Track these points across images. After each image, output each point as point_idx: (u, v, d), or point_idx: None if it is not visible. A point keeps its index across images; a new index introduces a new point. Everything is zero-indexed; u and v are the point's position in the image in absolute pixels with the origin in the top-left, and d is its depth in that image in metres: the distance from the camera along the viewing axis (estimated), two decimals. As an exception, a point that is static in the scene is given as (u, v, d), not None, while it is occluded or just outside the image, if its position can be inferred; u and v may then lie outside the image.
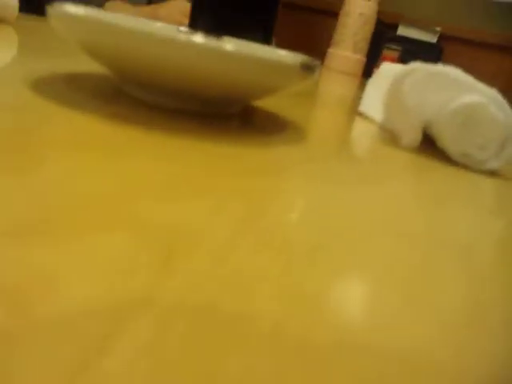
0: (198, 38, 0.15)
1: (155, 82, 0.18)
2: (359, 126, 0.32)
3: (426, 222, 0.15)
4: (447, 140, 0.24)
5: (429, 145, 0.26)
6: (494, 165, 0.24)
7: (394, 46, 1.26)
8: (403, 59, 1.25)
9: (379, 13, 1.35)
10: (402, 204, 0.16)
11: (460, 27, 1.45)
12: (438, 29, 1.41)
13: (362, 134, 0.30)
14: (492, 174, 0.24)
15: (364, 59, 1.33)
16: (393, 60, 1.22)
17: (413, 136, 0.24)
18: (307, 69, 0.17)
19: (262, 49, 0.23)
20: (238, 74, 0.16)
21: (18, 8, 0.44)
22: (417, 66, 0.24)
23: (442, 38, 1.42)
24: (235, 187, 0.14)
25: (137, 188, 0.12)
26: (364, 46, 1.33)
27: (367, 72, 1.30)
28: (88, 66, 0.25)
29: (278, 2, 0.40)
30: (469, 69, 1.12)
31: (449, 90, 0.23)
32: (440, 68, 0.24)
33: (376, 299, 0.10)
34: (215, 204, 0.12)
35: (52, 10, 0.18)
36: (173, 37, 0.15)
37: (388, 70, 0.37)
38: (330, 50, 1.36)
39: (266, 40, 0.40)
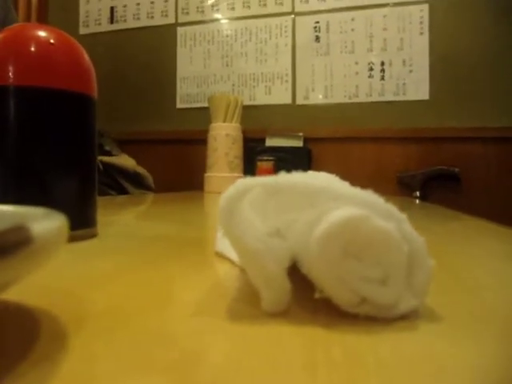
0: None
1: None
2: (214, 276, 0.23)
3: None
4: (328, 281, 0.15)
5: (308, 290, 0.16)
6: (410, 303, 0.15)
7: (267, 157, 1.28)
8: (278, 167, 1.26)
9: (245, 131, 1.40)
10: None
11: (319, 128, 1.56)
12: (301, 134, 1.50)
13: (218, 295, 0.20)
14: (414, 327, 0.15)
15: (241, 175, 1.33)
16: (268, 170, 1.22)
17: (273, 295, 0.15)
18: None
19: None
20: None
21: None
22: (249, 182, 0.15)
23: (306, 140, 1.50)
24: None
25: None
26: (238, 163, 1.33)
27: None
28: None
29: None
30: (339, 163, 1.15)
31: (309, 207, 0.15)
32: (283, 179, 0.15)
33: None
34: None
35: None
36: None
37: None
38: (207, 174, 1.34)
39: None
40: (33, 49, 0.32)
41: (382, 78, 1.59)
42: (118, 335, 0.14)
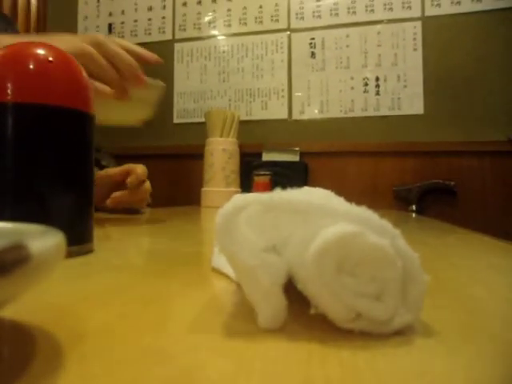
0: None
1: None
2: (211, 292, 0.23)
3: None
4: (323, 297, 0.15)
5: (304, 306, 0.16)
6: (404, 319, 0.15)
7: (263, 172, 1.28)
8: (275, 182, 1.27)
9: (241, 146, 1.40)
10: None
11: (315, 143, 1.56)
12: (297, 148, 1.50)
13: (214, 311, 0.20)
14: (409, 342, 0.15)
15: (238, 190, 1.33)
16: (265, 185, 1.23)
17: (269, 311, 0.15)
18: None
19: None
20: None
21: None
22: (246, 198, 0.16)
23: (303, 155, 1.51)
24: None
25: None
26: (235, 178, 1.34)
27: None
28: None
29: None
30: (335, 177, 1.15)
31: (304, 224, 0.15)
32: (277, 196, 0.16)
33: None
34: None
35: None
36: None
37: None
38: (204, 189, 1.34)
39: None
40: (31, 66, 0.32)
41: (377, 93, 1.61)
42: (114, 352, 0.14)
